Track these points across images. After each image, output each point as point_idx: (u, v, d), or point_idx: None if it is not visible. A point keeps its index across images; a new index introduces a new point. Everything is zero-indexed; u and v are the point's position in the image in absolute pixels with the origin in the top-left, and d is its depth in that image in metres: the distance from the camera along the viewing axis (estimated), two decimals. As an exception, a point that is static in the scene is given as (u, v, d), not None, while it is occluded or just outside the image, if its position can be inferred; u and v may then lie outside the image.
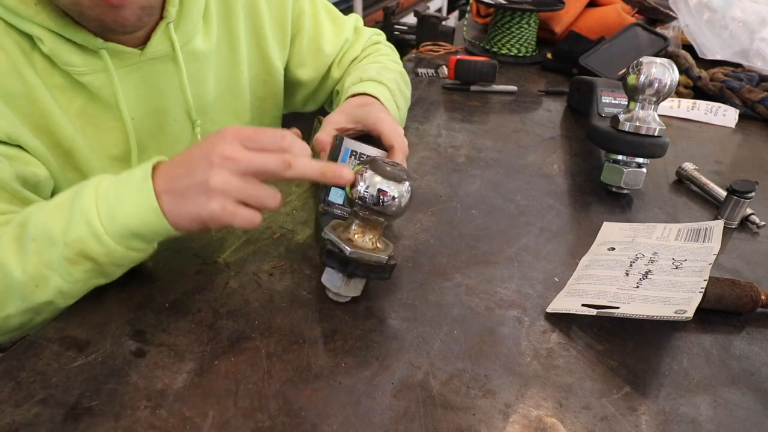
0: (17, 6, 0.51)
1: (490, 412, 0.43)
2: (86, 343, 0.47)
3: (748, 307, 0.52)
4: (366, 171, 0.47)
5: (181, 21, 0.62)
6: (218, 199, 0.44)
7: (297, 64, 0.81)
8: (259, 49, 0.75)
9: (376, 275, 0.49)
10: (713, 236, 0.58)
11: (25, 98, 0.55)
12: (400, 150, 0.60)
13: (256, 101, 0.79)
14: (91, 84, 0.58)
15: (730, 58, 1.16)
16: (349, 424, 0.41)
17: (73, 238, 0.45)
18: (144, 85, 0.62)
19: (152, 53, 0.61)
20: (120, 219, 0.45)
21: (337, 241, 0.48)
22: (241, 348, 0.47)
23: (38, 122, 0.56)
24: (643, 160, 0.70)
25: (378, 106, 0.66)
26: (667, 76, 0.66)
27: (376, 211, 0.47)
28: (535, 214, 0.68)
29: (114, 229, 0.46)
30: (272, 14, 0.75)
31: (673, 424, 0.42)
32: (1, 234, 0.49)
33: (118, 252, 0.47)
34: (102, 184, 0.47)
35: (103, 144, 0.62)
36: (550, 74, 1.16)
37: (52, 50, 0.54)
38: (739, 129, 0.95)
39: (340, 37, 0.83)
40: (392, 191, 0.46)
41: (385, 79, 0.72)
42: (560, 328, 0.51)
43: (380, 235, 0.50)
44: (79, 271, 0.47)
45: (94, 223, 0.45)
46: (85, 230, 0.45)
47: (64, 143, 0.59)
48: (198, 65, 0.67)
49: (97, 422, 0.40)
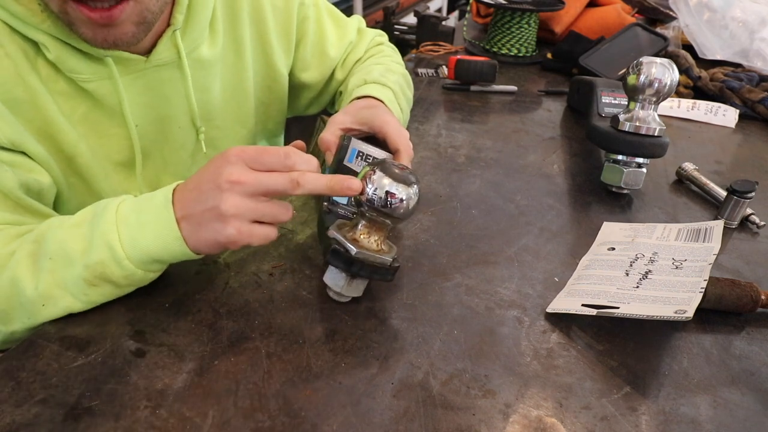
0: (24, 13, 0.51)
1: (490, 412, 0.43)
2: (86, 343, 0.47)
3: (748, 307, 0.52)
4: (375, 173, 0.47)
5: (188, 28, 0.62)
6: (233, 223, 0.45)
7: (301, 68, 0.81)
8: (264, 55, 0.75)
9: (379, 277, 0.49)
10: (713, 236, 0.58)
11: (28, 104, 0.55)
12: (405, 153, 0.60)
13: (261, 107, 0.79)
14: (96, 91, 0.57)
15: (730, 58, 1.16)
16: (349, 424, 0.41)
17: (95, 260, 0.46)
18: (149, 92, 0.62)
19: (158, 60, 0.60)
20: (142, 246, 0.46)
21: (343, 240, 0.48)
22: (241, 348, 0.47)
23: (41, 128, 0.56)
24: (643, 160, 0.70)
25: (383, 109, 0.66)
26: (667, 76, 0.66)
27: (383, 213, 0.47)
28: (535, 214, 0.68)
29: (135, 254, 0.47)
30: (277, 21, 0.75)
31: (673, 424, 0.42)
32: (16, 249, 0.50)
33: (138, 275, 0.48)
34: (122, 208, 0.48)
35: (106, 150, 0.62)
36: (550, 74, 1.16)
37: (58, 57, 0.54)
38: (739, 129, 0.95)
39: (344, 39, 0.83)
40: (400, 194, 0.46)
41: (389, 81, 0.72)
42: (560, 328, 0.51)
43: (385, 237, 0.50)
44: (96, 293, 0.48)
45: (116, 247, 0.46)
46: (107, 254, 0.46)
47: (66, 149, 0.59)
48: (204, 72, 0.67)
49: (97, 422, 0.40)
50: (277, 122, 0.84)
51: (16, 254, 0.49)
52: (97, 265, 0.46)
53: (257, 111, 0.78)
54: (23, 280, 0.47)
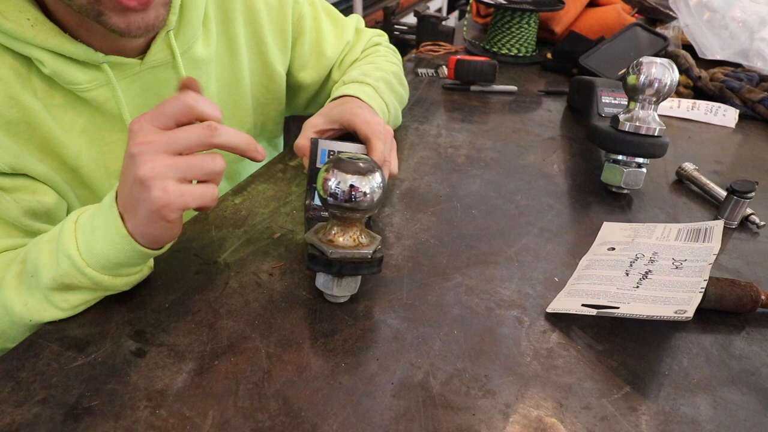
0: (15, 29, 0.49)
1: (490, 412, 0.43)
2: (86, 343, 0.47)
3: (748, 307, 0.52)
4: (333, 170, 0.47)
5: (181, 29, 0.62)
6: (155, 185, 0.41)
7: (299, 67, 0.81)
8: (259, 54, 0.75)
9: (367, 270, 0.49)
10: (713, 236, 0.58)
11: (24, 124, 0.54)
12: (376, 137, 0.59)
13: (259, 107, 0.79)
14: (95, 99, 0.57)
15: (730, 58, 1.16)
16: (349, 424, 0.41)
17: (60, 273, 0.45)
18: (146, 94, 0.62)
19: (152, 62, 0.60)
20: (96, 251, 0.45)
21: (318, 244, 0.48)
22: (241, 348, 0.47)
23: (41, 145, 0.56)
24: (643, 160, 0.70)
25: (355, 103, 0.65)
26: (667, 76, 0.66)
27: (349, 208, 0.47)
28: (535, 214, 0.68)
29: (93, 261, 0.45)
30: (272, 20, 0.74)
31: (673, 424, 0.42)
32: (7, 273, 0.50)
33: (106, 281, 0.47)
34: (82, 218, 0.47)
35: (109, 158, 0.62)
36: (550, 74, 1.16)
37: (54, 71, 0.53)
38: (739, 129, 0.95)
39: (342, 39, 0.83)
40: (363, 186, 0.46)
41: (370, 78, 0.72)
42: (560, 328, 0.51)
43: (361, 230, 0.50)
44: (76, 299, 0.48)
45: (74, 257, 0.45)
46: (68, 265, 0.45)
47: (69, 162, 0.59)
48: (199, 72, 0.67)
49: (97, 422, 0.40)
50: (276, 122, 0.84)
51: (6, 277, 0.49)
52: (63, 276, 0.45)
53: (255, 111, 0.78)
54: (11, 300, 0.48)
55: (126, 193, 0.44)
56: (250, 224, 0.63)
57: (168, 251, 0.58)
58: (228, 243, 0.60)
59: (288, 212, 0.65)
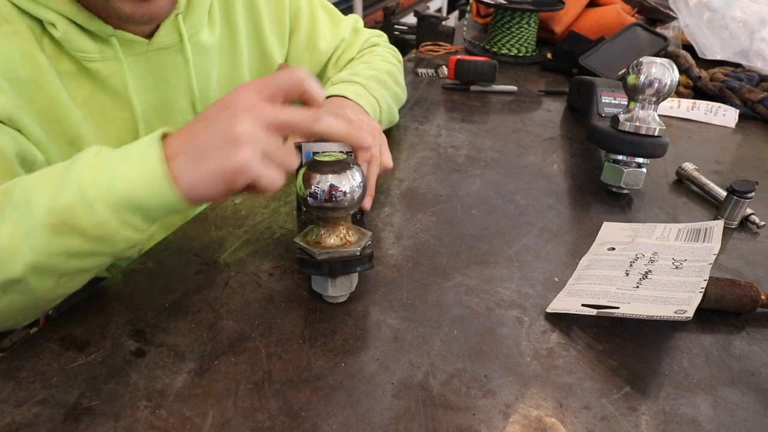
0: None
1: (490, 412, 0.43)
2: (86, 343, 0.47)
3: (748, 307, 0.52)
4: (308, 172, 0.47)
5: (189, 13, 0.63)
6: (247, 148, 0.40)
7: (294, 59, 0.82)
8: (258, 44, 0.76)
9: (358, 268, 0.49)
10: (713, 236, 0.58)
11: (33, 83, 0.55)
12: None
13: None
14: (100, 71, 0.58)
15: (730, 58, 1.16)
16: (349, 424, 0.41)
17: (62, 203, 0.41)
18: (150, 75, 0.63)
19: (160, 43, 0.61)
20: (119, 185, 0.41)
21: (306, 247, 0.49)
22: (241, 348, 0.47)
23: (44, 109, 0.56)
24: (643, 160, 0.70)
25: (339, 104, 0.65)
26: (667, 76, 0.66)
27: (330, 208, 0.47)
28: (535, 214, 0.68)
29: (110, 196, 0.41)
30: (270, 10, 0.76)
31: (673, 424, 0.42)
32: None
33: (111, 226, 0.41)
34: (105, 151, 0.43)
35: (108, 134, 0.62)
36: (550, 74, 1.16)
37: (65, 35, 0.54)
38: (739, 129, 0.95)
39: (337, 36, 0.83)
40: (341, 184, 0.46)
41: (360, 77, 0.72)
42: (560, 328, 0.51)
43: (348, 228, 0.50)
44: (59, 244, 0.42)
45: (88, 189, 0.40)
46: (76, 196, 0.40)
47: (70, 131, 0.59)
48: (204, 58, 0.68)
49: (97, 422, 0.40)
50: None
51: None
52: (65, 208, 0.40)
53: None
54: None
55: (199, 139, 0.41)
56: (250, 224, 0.63)
57: (168, 252, 0.58)
58: (228, 243, 0.60)
59: (288, 212, 0.65)
